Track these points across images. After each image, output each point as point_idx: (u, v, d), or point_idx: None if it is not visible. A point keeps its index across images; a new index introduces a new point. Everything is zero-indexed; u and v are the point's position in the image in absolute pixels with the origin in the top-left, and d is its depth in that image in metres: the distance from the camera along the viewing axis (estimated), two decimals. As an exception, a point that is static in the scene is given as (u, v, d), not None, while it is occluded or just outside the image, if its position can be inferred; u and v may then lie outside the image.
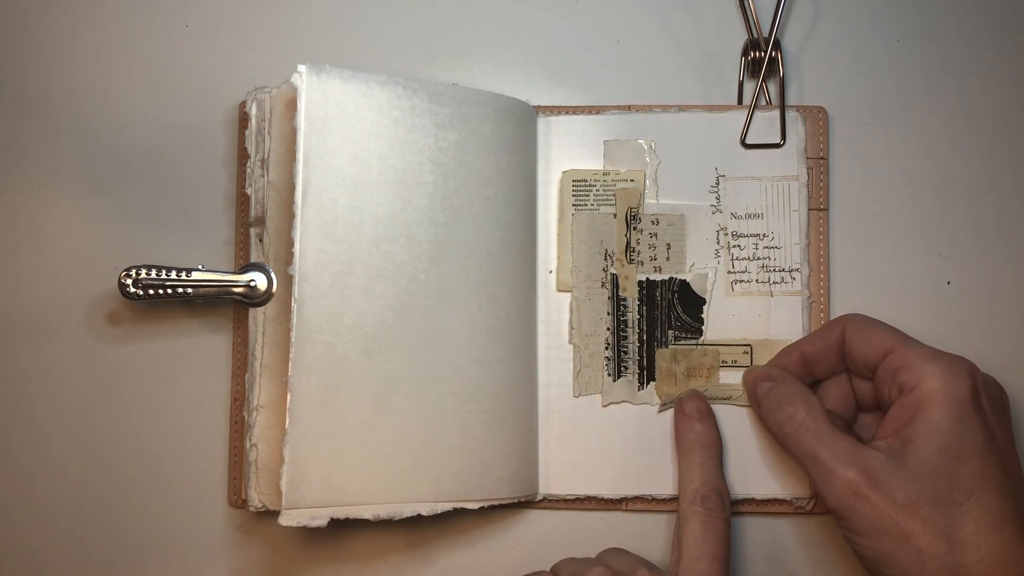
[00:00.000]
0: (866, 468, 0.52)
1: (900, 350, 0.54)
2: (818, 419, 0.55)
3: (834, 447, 0.53)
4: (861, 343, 0.56)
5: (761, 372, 0.59)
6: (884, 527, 0.51)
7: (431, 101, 0.58)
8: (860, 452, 0.53)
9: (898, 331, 0.56)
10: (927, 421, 0.52)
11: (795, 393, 0.56)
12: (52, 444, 0.61)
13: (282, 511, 0.54)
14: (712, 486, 0.57)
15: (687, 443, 0.59)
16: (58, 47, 0.63)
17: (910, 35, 0.63)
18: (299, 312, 0.54)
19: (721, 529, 0.56)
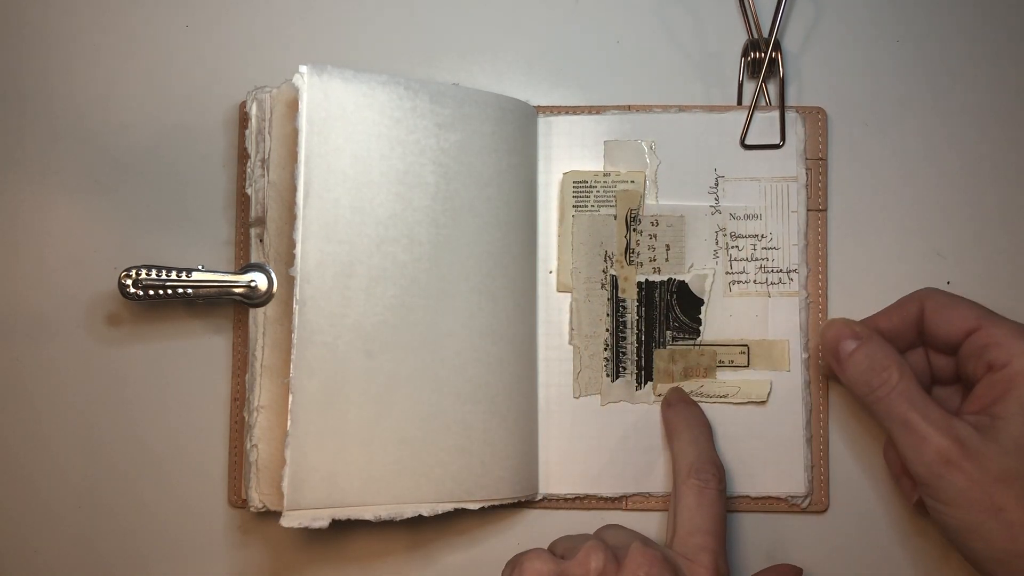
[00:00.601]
0: (960, 437, 0.52)
1: (987, 327, 0.54)
2: (911, 384, 0.54)
3: (927, 414, 0.53)
4: (943, 321, 0.56)
5: (844, 328, 0.57)
6: (975, 498, 0.51)
7: (432, 102, 0.58)
8: (953, 421, 0.52)
9: (980, 307, 0.55)
10: (1020, 399, 0.52)
11: (886, 355, 0.55)
12: (52, 444, 0.61)
13: (284, 512, 0.54)
14: (707, 458, 0.57)
15: (676, 424, 0.59)
16: (58, 47, 0.63)
17: (910, 36, 0.63)
18: (301, 313, 0.54)
19: (716, 503, 0.55)
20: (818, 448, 0.61)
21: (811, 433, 0.60)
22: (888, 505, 0.61)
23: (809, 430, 0.60)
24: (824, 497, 0.61)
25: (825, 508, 0.61)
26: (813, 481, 0.60)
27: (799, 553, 0.61)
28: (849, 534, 0.61)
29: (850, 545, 0.61)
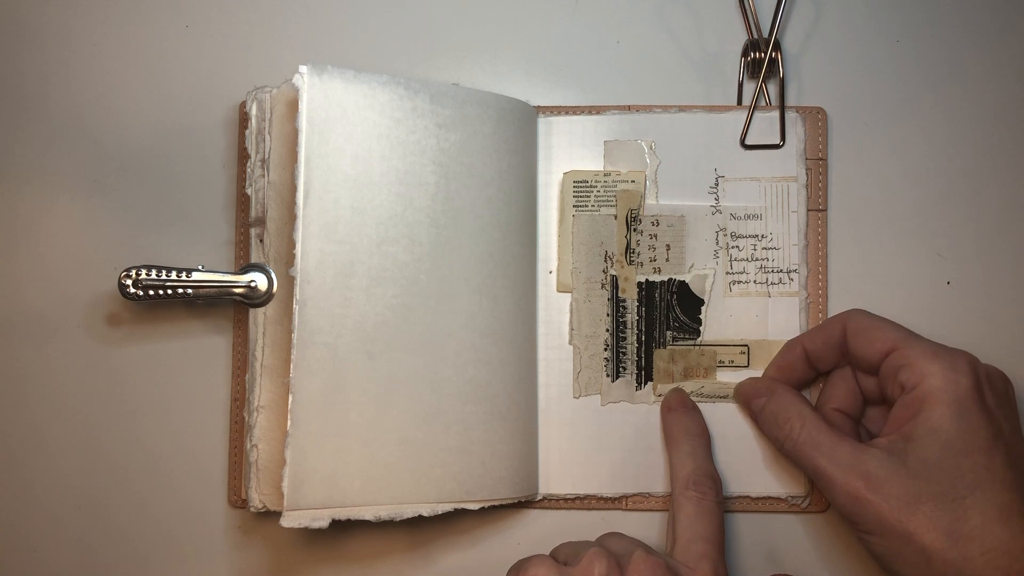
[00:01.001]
0: (866, 472, 0.53)
1: (901, 349, 0.55)
2: (813, 430, 0.56)
3: (833, 456, 0.54)
4: (863, 343, 0.57)
5: (752, 387, 0.60)
6: (888, 526, 0.52)
7: (432, 102, 0.58)
8: (860, 455, 0.53)
9: (900, 328, 0.56)
10: (928, 419, 0.52)
11: (788, 407, 0.58)
12: (52, 444, 0.61)
13: (284, 512, 0.54)
14: (704, 471, 0.57)
15: (675, 434, 0.59)
16: (58, 48, 0.63)
17: (910, 36, 0.63)
18: (301, 313, 0.54)
19: (715, 512, 0.56)
20: (818, 448, 0.61)
21: (811, 433, 0.61)
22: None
23: (809, 430, 0.60)
24: (823, 496, 0.60)
25: (824, 508, 0.61)
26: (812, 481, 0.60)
27: (798, 553, 0.61)
28: (848, 534, 0.61)
29: (849, 545, 0.61)
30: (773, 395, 0.59)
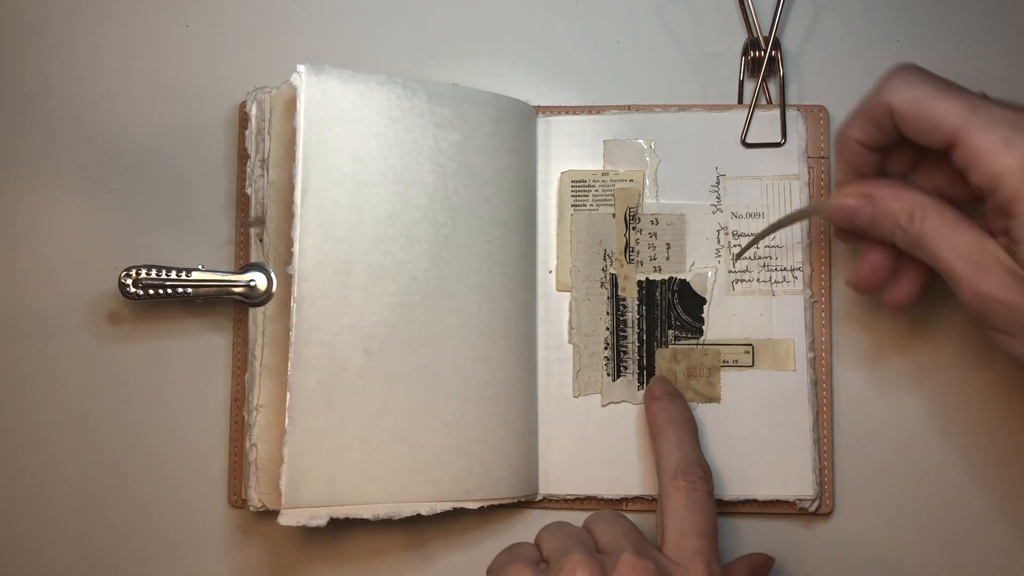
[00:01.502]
0: (988, 267, 0.48)
1: (964, 142, 0.47)
2: (934, 221, 0.49)
3: (952, 248, 0.49)
4: (917, 133, 0.49)
5: (844, 206, 0.53)
6: (1011, 324, 0.47)
7: (430, 101, 0.58)
8: (983, 244, 0.48)
9: (958, 102, 0.48)
10: (1018, 218, 0.46)
11: (896, 201, 0.51)
12: (52, 444, 0.61)
13: (281, 510, 0.54)
14: (692, 459, 0.55)
15: (660, 423, 0.57)
16: (58, 47, 0.63)
17: (910, 35, 0.63)
18: (299, 312, 0.54)
19: (706, 503, 0.54)
20: (823, 450, 0.60)
21: (818, 435, 0.60)
22: (894, 508, 0.61)
23: (816, 431, 0.60)
24: (829, 499, 0.60)
25: (830, 511, 0.60)
26: (820, 483, 0.60)
27: (804, 557, 0.61)
28: (854, 537, 0.60)
29: (855, 548, 0.61)
30: (873, 199, 0.52)
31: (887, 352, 0.61)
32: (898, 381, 0.61)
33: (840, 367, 0.61)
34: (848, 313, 0.61)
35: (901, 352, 0.61)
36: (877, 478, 0.61)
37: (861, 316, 0.61)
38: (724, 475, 0.60)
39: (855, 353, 0.61)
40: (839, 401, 0.61)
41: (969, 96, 0.48)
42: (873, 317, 0.61)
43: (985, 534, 0.60)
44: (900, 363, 0.61)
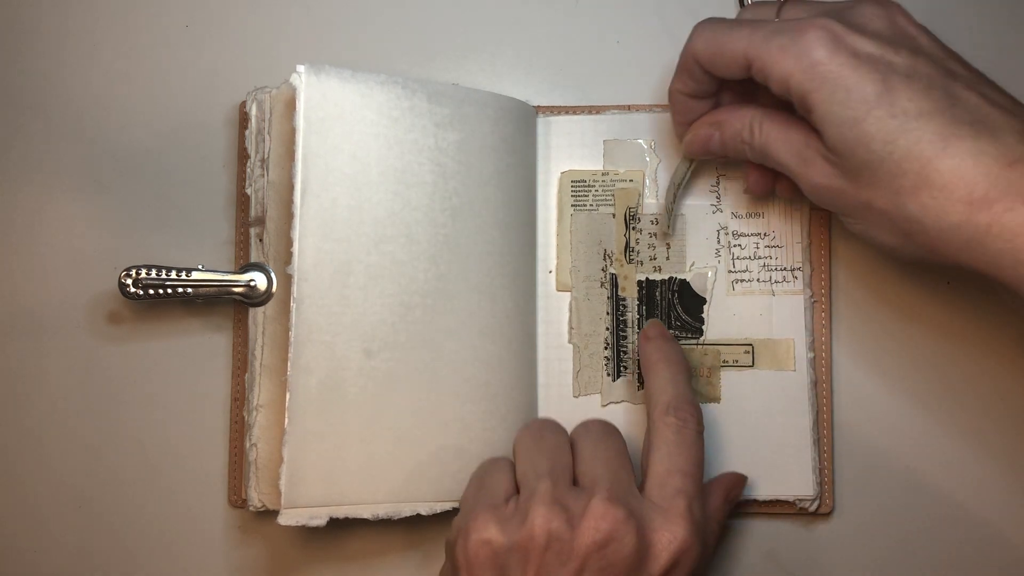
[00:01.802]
0: (812, 159, 0.51)
1: (754, 62, 0.51)
2: (767, 127, 0.53)
3: (785, 149, 0.52)
4: (720, 68, 0.53)
5: (697, 136, 0.57)
6: (851, 205, 0.50)
7: (430, 101, 0.58)
8: (805, 139, 0.51)
9: (742, 30, 0.51)
10: (816, 117, 0.49)
11: (735, 121, 0.55)
12: (52, 444, 0.61)
13: (281, 510, 0.54)
14: (685, 398, 0.54)
15: (654, 361, 0.57)
16: (58, 47, 0.63)
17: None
18: (298, 312, 0.55)
19: (696, 444, 0.53)
20: (823, 450, 0.60)
21: (818, 435, 0.60)
22: (893, 507, 0.61)
23: (816, 431, 0.60)
24: (829, 499, 0.60)
25: (830, 511, 0.60)
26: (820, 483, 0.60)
27: (804, 556, 0.61)
28: (854, 537, 0.61)
29: (855, 548, 0.61)
30: (720, 124, 0.56)
31: (887, 352, 0.61)
32: (898, 381, 0.61)
33: (840, 367, 0.61)
34: (848, 313, 0.61)
35: (901, 352, 0.61)
36: (877, 478, 0.61)
37: (861, 316, 0.61)
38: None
39: (855, 353, 0.61)
40: (839, 401, 0.61)
41: (751, 23, 0.52)
42: (873, 317, 0.61)
43: (985, 534, 0.60)
44: (900, 363, 0.61)
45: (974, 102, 0.48)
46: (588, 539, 0.49)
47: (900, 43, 0.49)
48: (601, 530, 0.49)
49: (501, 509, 0.51)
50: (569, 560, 0.49)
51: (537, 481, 0.51)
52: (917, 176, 0.47)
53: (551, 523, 0.49)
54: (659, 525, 0.50)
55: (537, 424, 0.56)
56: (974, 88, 0.48)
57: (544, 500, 0.50)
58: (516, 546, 0.50)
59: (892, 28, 0.50)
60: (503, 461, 0.56)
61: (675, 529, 0.50)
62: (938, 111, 0.47)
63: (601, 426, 0.55)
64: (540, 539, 0.49)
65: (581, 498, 0.50)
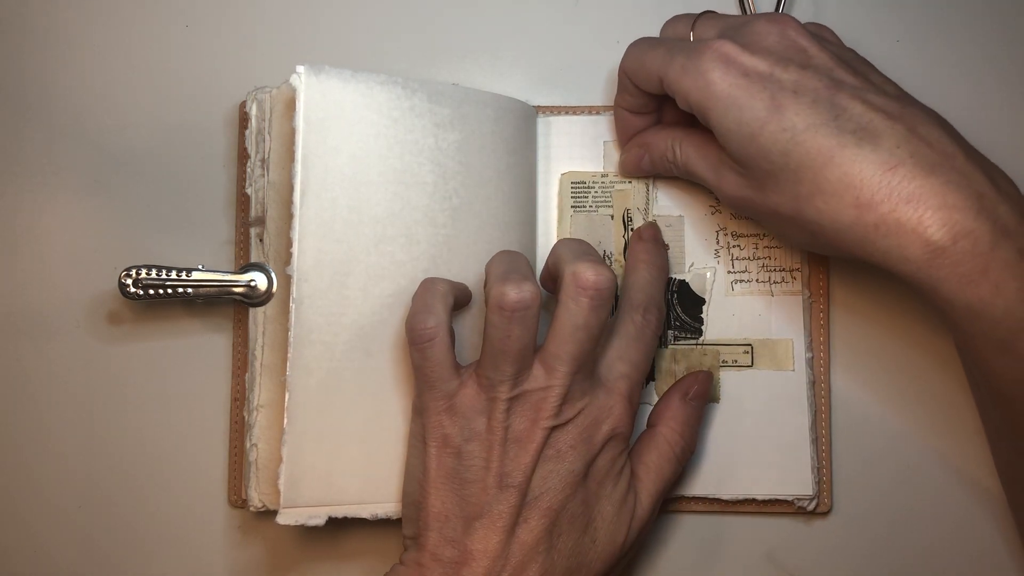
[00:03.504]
0: (726, 174, 0.54)
1: (663, 78, 0.55)
2: (687, 147, 0.57)
3: (704, 165, 0.56)
4: (643, 84, 0.57)
5: (628, 158, 0.61)
6: (760, 210, 0.53)
7: (430, 101, 0.58)
8: (719, 157, 0.55)
9: (659, 48, 0.55)
10: (716, 130, 0.53)
11: (659, 143, 0.59)
12: (52, 444, 0.61)
13: (280, 510, 0.54)
14: (655, 302, 0.57)
15: (638, 261, 0.59)
16: (57, 47, 0.63)
17: (910, 35, 0.63)
18: (298, 312, 0.55)
19: (650, 344, 0.56)
20: (821, 449, 0.60)
21: (816, 434, 0.60)
22: (892, 506, 0.61)
23: (815, 431, 0.60)
24: (827, 498, 0.60)
25: (828, 510, 0.60)
26: (818, 482, 0.60)
27: (802, 555, 0.61)
28: (852, 536, 0.61)
29: (854, 547, 0.61)
30: (648, 146, 0.59)
31: (885, 351, 0.61)
32: (896, 380, 0.61)
33: (838, 367, 0.61)
34: (846, 313, 0.61)
35: (899, 351, 0.61)
36: (875, 477, 0.61)
37: (859, 316, 0.61)
38: (723, 474, 0.60)
39: (853, 353, 0.61)
40: (837, 400, 0.61)
41: (667, 43, 0.56)
42: (871, 316, 0.61)
43: (984, 533, 0.60)
44: (898, 362, 0.61)
45: (858, 111, 0.50)
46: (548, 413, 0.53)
47: (790, 59, 0.52)
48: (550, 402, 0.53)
49: (452, 399, 0.54)
50: (534, 427, 0.53)
51: (499, 384, 0.53)
52: (812, 184, 0.50)
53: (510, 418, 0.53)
54: (602, 401, 0.54)
55: (507, 315, 0.52)
56: (859, 96, 0.51)
57: (501, 407, 0.53)
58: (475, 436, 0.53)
59: (783, 43, 0.53)
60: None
61: (614, 404, 0.54)
62: (824, 123, 0.50)
63: (588, 312, 0.53)
64: (498, 433, 0.52)
65: (539, 381, 0.53)
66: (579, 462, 0.53)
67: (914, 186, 0.48)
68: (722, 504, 0.60)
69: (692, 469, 0.60)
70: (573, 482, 0.53)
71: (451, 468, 0.53)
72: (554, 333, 0.53)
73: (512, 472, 0.52)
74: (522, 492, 0.52)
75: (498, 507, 0.52)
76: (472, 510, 0.52)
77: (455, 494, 0.52)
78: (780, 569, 0.61)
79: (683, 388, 0.58)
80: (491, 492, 0.52)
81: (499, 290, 0.52)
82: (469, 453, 0.52)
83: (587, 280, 0.52)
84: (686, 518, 0.61)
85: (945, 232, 0.48)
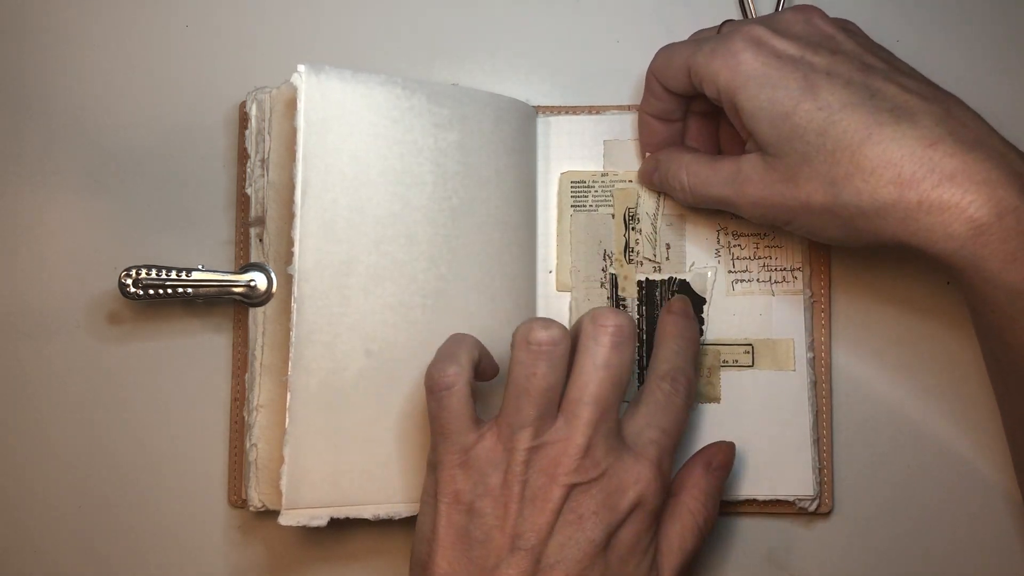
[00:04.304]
0: (748, 178, 0.53)
1: (691, 67, 0.54)
2: (696, 169, 0.56)
3: (719, 181, 0.55)
4: (670, 81, 0.56)
5: (642, 171, 0.61)
6: (788, 208, 0.52)
7: (430, 101, 0.58)
8: (738, 167, 0.54)
9: (688, 44, 0.56)
10: (744, 111, 0.52)
11: (670, 165, 0.58)
12: (52, 444, 0.61)
13: (282, 511, 0.54)
14: (684, 372, 0.55)
15: (667, 334, 0.57)
16: (57, 47, 0.63)
17: (910, 36, 0.63)
18: (299, 312, 0.55)
19: (681, 409, 0.54)
20: (823, 449, 0.60)
21: (818, 434, 0.60)
22: (893, 507, 0.61)
23: (816, 431, 0.60)
24: (829, 499, 0.60)
25: (830, 510, 0.60)
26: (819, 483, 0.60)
27: (803, 556, 0.61)
28: (854, 536, 0.61)
29: (855, 547, 0.61)
30: (658, 163, 0.59)
31: (886, 352, 0.61)
32: (897, 380, 0.61)
33: (839, 367, 0.61)
34: (847, 313, 0.61)
35: (900, 351, 0.61)
36: (876, 477, 0.61)
37: (860, 316, 0.61)
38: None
39: (854, 353, 0.61)
40: (838, 401, 0.61)
41: (696, 39, 0.56)
42: (872, 317, 0.61)
43: (985, 533, 0.60)
44: (899, 362, 0.61)
45: (892, 92, 0.50)
46: (568, 470, 0.50)
47: (819, 44, 0.52)
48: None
49: (467, 453, 0.51)
50: (552, 483, 0.50)
51: (519, 430, 0.50)
52: (850, 163, 0.49)
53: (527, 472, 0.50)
54: (629, 465, 0.51)
55: (534, 351, 0.51)
56: (891, 79, 0.51)
57: (520, 458, 0.50)
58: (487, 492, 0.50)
59: (811, 31, 0.53)
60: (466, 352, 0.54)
61: (642, 470, 0.51)
62: (859, 103, 0.50)
63: (609, 350, 0.52)
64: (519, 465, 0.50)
65: (560, 432, 0.50)
66: (600, 531, 0.49)
67: (956, 162, 0.48)
68: (723, 505, 0.60)
69: (693, 469, 0.60)
70: (592, 553, 0.49)
71: (461, 527, 0.50)
72: (575, 378, 0.51)
73: (526, 533, 0.49)
74: (535, 557, 0.49)
75: (507, 571, 0.49)
76: (480, 574, 0.49)
77: (464, 556, 0.49)
78: (781, 570, 0.61)
79: (706, 457, 0.56)
80: (502, 554, 0.49)
81: (526, 327, 0.51)
82: (481, 511, 0.49)
83: (607, 319, 0.51)
84: (687, 518, 0.61)
85: (990, 208, 0.47)
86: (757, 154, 0.53)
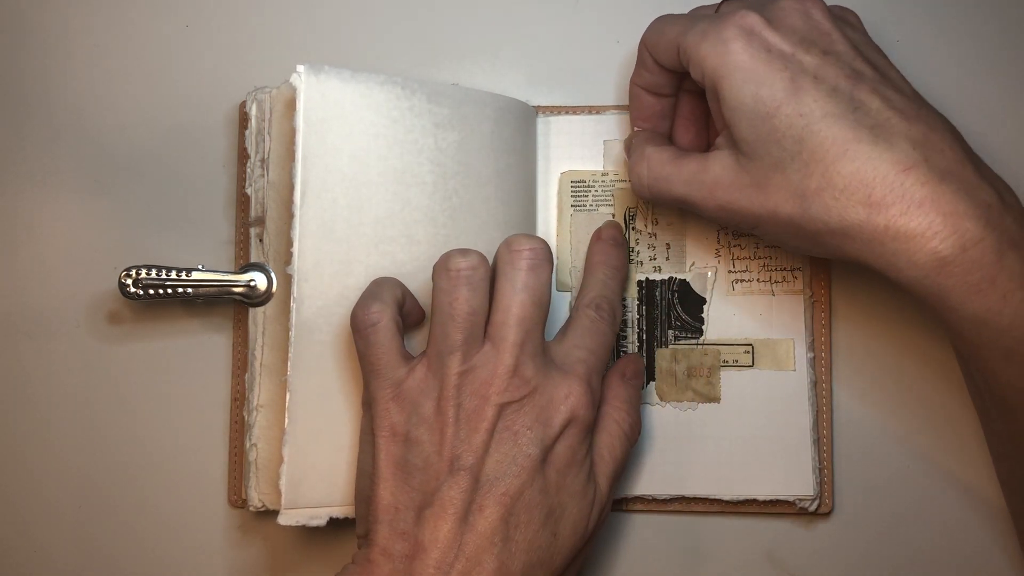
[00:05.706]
0: (714, 179, 0.53)
1: (680, 44, 0.53)
2: (656, 166, 0.55)
3: (681, 179, 0.54)
4: (660, 55, 0.55)
5: (624, 145, 0.60)
6: (755, 215, 0.52)
7: (430, 101, 0.58)
8: (703, 165, 0.53)
9: (683, 19, 0.55)
10: (726, 101, 0.51)
11: (632, 151, 0.57)
12: (52, 444, 0.61)
13: (281, 510, 0.54)
14: (610, 300, 0.56)
15: (595, 262, 0.58)
16: (57, 47, 0.63)
17: (910, 35, 0.63)
18: (298, 311, 0.55)
19: (606, 334, 0.55)
20: (823, 449, 0.60)
21: (818, 434, 0.60)
22: (893, 507, 0.61)
23: (816, 431, 0.60)
24: (829, 499, 0.60)
25: (830, 510, 0.60)
26: (820, 483, 0.60)
27: (803, 556, 0.61)
28: (854, 537, 0.61)
29: (855, 548, 0.61)
30: (627, 148, 0.59)
31: (887, 351, 0.61)
32: (898, 381, 0.61)
33: (840, 367, 0.61)
34: (848, 313, 0.61)
35: (901, 351, 0.61)
36: (877, 478, 0.61)
37: (861, 316, 0.61)
38: (724, 475, 0.60)
39: (855, 353, 0.61)
40: (839, 401, 0.61)
41: (691, 16, 0.55)
42: (873, 316, 0.61)
43: (986, 534, 0.60)
44: (900, 362, 0.61)
45: (876, 106, 0.49)
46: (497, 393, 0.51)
47: (813, 42, 0.51)
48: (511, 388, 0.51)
49: (400, 387, 0.52)
50: (485, 404, 0.51)
51: (448, 356, 0.51)
52: (822, 177, 0.49)
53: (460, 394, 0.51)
54: (558, 381, 0.52)
55: (454, 276, 0.52)
56: (877, 91, 0.50)
57: (451, 383, 0.51)
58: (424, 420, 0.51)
59: (807, 24, 0.52)
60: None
61: (572, 385, 0.52)
62: (841, 114, 0.49)
63: (526, 273, 0.53)
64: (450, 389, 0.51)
65: (488, 355, 0.51)
66: (536, 446, 0.50)
67: (926, 191, 0.48)
68: (723, 505, 0.60)
69: (692, 469, 0.60)
70: (530, 467, 0.50)
71: (399, 457, 0.51)
72: (496, 304, 0.52)
73: (464, 454, 0.50)
74: (474, 475, 0.49)
75: (449, 492, 0.49)
76: (423, 499, 0.50)
77: (405, 484, 0.50)
78: (781, 570, 0.61)
79: (619, 370, 0.58)
80: (442, 477, 0.49)
81: (444, 256, 0.52)
82: (418, 439, 0.50)
83: (521, 244, 0.52)
84: (687, 519, 0.61)
85: (955, 241, 0.47)
86: (729, 152, 0.52)
